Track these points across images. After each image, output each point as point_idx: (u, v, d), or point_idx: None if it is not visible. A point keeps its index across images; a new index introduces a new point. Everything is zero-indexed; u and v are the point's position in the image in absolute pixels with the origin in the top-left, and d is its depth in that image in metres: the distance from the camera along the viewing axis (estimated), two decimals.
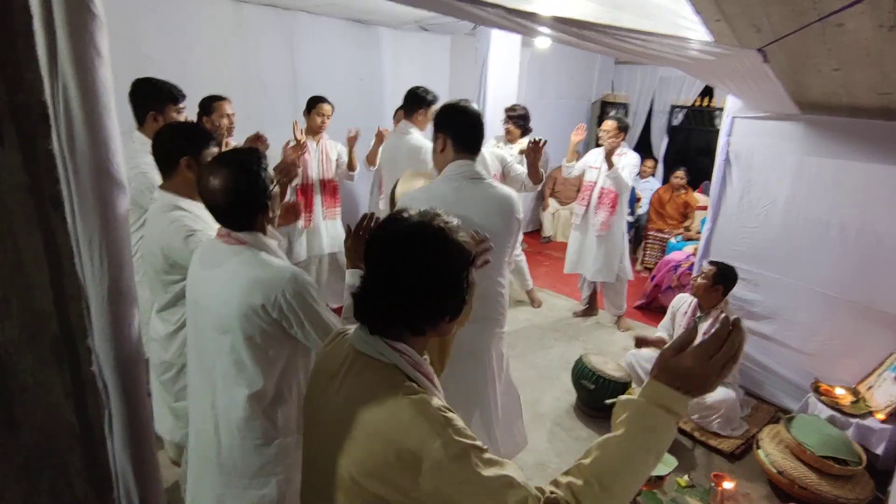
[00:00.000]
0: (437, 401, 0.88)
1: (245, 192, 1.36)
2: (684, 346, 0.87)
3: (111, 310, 1.01)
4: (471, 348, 1.82)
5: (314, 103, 3.48)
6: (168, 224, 1.66)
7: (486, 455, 0.83)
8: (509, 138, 3.99)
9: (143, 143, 2.08)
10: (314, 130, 3.50)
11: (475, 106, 1.87)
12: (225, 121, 2.95)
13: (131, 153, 2.05)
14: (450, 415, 0.85)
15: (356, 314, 0.96)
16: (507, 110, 4.00)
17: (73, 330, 0.79)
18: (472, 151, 1.83)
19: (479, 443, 0.84)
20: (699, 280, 2.98)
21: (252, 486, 1.44)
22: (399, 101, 3.53)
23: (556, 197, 6.59)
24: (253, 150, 1.43)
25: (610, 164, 3.75)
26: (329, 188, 3.66)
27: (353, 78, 4.48)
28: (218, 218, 1.41)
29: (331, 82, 4.21)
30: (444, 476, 0.79)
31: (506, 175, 3.42)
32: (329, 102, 3.49)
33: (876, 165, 2.75)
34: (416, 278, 0.89)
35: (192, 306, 1.47)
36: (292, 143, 3.13)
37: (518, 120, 3.92)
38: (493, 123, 4.40)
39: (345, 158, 3.67)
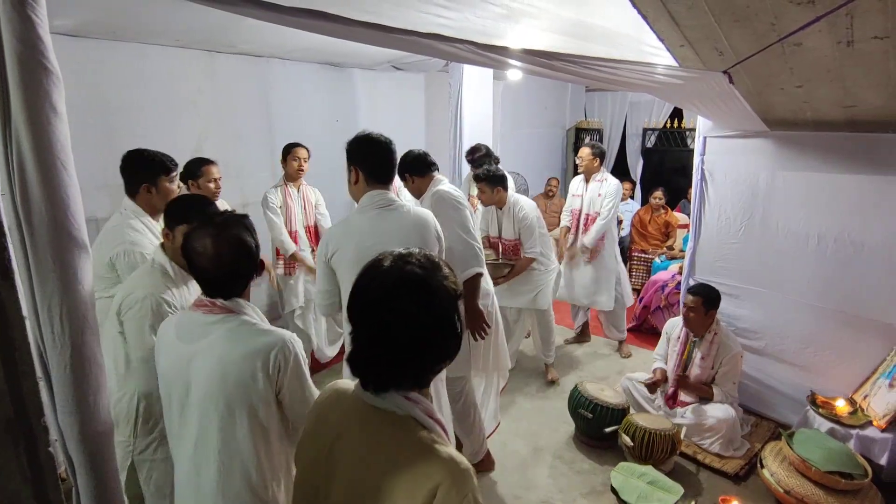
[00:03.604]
0: (449, 448, 0.87)
1: (251, 254, 1.32)
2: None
3: (75, 379, 0.94)
4: None
5: (290, 149, 3.45)
6: None
7: None
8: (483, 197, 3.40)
9: (136, 212, 2.04)
10: (292, 177, 3.47)
11: (384, 136, 1.86)
12: (212, 185, 2.87)
13: (117, 223, 2.02)
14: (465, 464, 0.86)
15: (357, 375, 0.92)
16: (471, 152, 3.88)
17: (27, 408, 0.74)
18: (383, 181, 1.86)
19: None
20: (691, 315, 2.96)
21: None
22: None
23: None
24: (241, 215, 1.38)
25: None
26: (314, 233, 3.62)
27: (329, 120, 4.50)
28: (215, 286, 1.32)
29: (307, 126, 4.23)
30: None
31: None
32: (304, 147, 3.48)
33: (846, 176, 2.81)
34: (412, 338, 0.86)
35: (166, 381, 1.37)
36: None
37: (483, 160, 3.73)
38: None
39: (323, 202, 3.67)
